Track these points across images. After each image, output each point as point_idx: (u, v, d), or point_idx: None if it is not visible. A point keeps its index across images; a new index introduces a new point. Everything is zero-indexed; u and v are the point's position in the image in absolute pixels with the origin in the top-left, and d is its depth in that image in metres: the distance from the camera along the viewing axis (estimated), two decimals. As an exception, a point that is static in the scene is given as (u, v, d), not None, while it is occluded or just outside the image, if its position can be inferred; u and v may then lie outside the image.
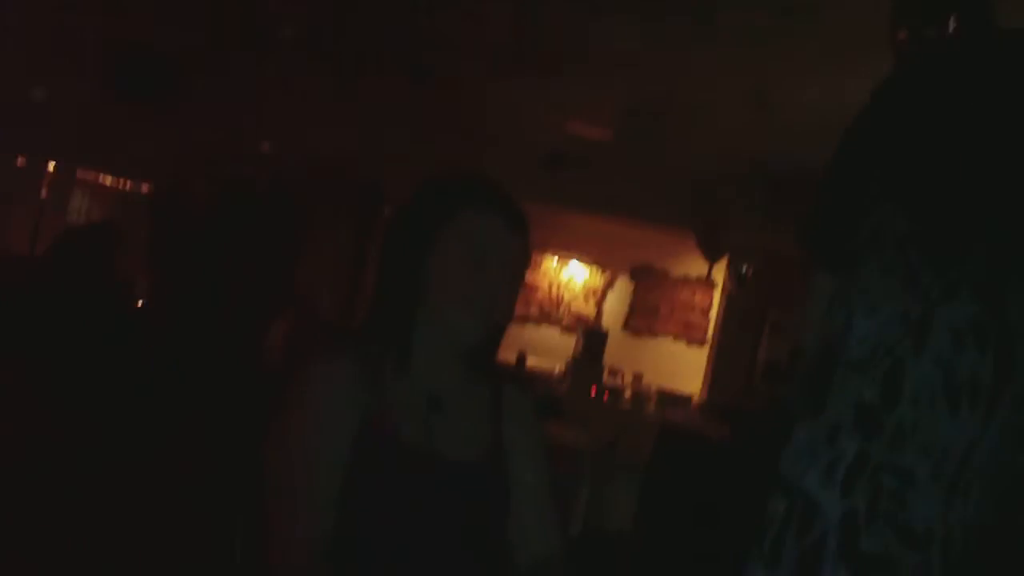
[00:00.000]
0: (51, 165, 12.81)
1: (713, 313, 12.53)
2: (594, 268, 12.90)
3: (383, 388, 1.88)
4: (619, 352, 11.81)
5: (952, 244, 1.18)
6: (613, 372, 11.44)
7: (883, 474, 1.19)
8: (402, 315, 1.92)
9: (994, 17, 3.35)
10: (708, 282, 12.36)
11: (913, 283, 1.20)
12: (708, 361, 11.90)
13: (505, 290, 1.93)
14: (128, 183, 13.16)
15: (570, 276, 12.87)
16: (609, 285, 12.94)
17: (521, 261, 1.98)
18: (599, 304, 12.89)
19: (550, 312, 12.75)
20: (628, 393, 11.15)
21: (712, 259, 10.45)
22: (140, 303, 7.58)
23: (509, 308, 1.96)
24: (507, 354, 11.08)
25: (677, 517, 5.99)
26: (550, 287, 12.78)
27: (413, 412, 1.89)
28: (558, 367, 11.53)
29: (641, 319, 12.88)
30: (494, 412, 2.01)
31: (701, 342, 12.59)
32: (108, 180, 13.24)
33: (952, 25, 3.32)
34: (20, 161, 12.54)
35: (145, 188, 12.78)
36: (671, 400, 10.93)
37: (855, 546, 1.19)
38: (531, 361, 11.15)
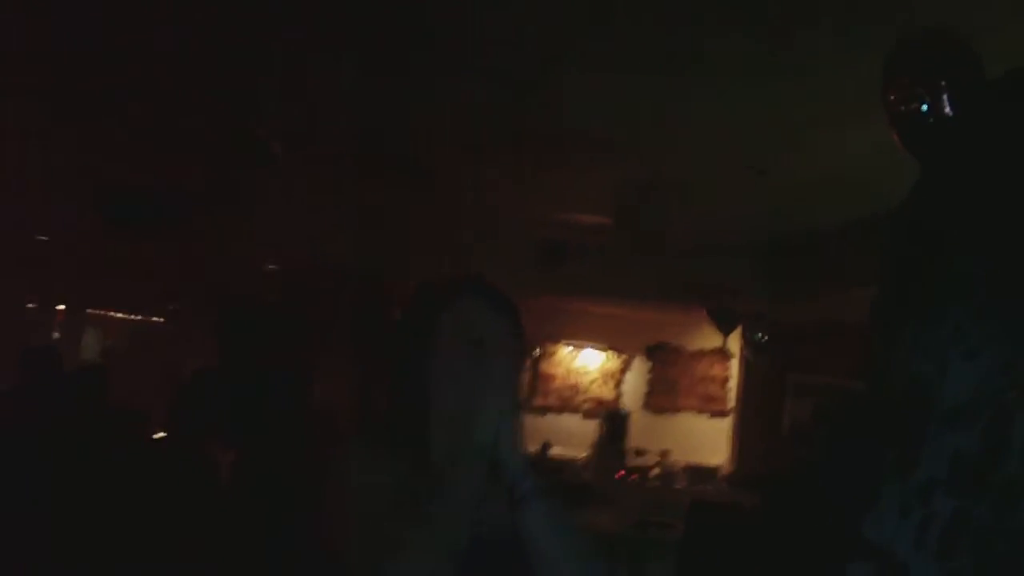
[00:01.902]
0: (61, 306, 12.92)
1: (732, 383, 12.50)
2: (609, 352, 12.88)
3: (405, 479, 1.94)
4: (642, 431, 11.76)
5: None
6: (639, 452, 11.37)
7: (995, 538, 1.09)
8: (414, 414, 2.00)
9: (983, 76, 3.39)
10: (724, 353, 12.35)
11: (1015, 330, 1.13)
12: (732, 431, 11.85)
13: (504, 375, 1.99)
14: (139, 315, 13.27)
15: (585, 362, 12.85)
16: (626, 367, 12.91)
17: (517, 344, 2.08)
18: (617, 386, 12.85)
19: (569, 399, 12.71)
20: (655, 471, 11.08)
21: (726, 332, 10.45)
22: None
23: (514, 395, 2.02)
24: (530, 445, 11.02)
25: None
26: (567, 375, 12.75)
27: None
28: (582, 453, 11.47)
29: (661, 397, 12.84)
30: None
31: (723, 413, 12.54)
32: (118, 314, 13.34)
33: (942, 84, 3.36)
34: (30, 305, 12.66)
35: (156, 319, 12.90)
36: (699, 474, 10.85)
37: None
38: (555, 450, 11.09)
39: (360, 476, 1.96)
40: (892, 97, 3.56)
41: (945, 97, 3.41)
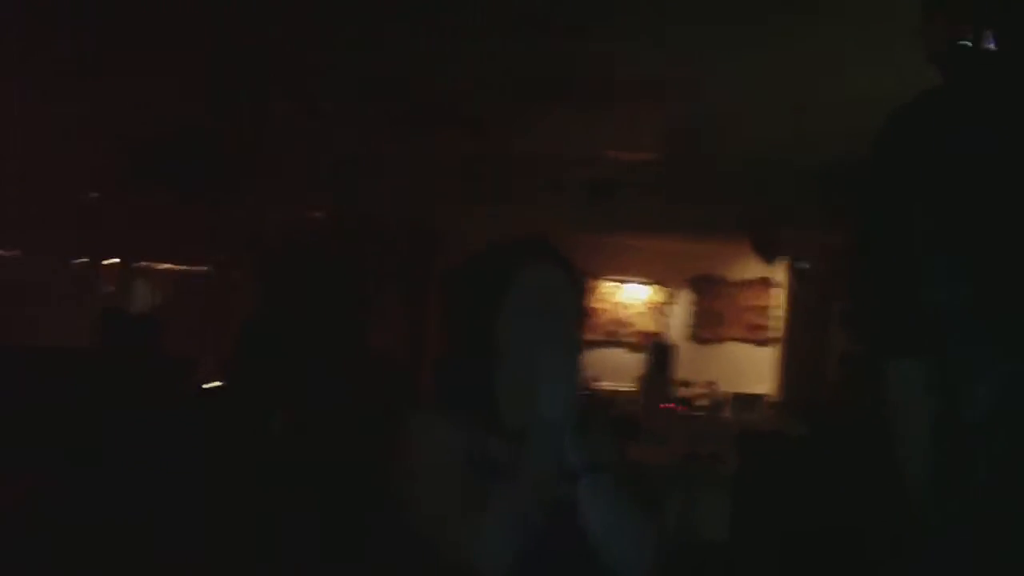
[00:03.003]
0: (107, 261, 13.05)
1: (777, 312, 12.51)
2: (654, 286, 12.92)
3: (478, 445, 1.97)
4: (689, 363, 11.79)
5: None
6: (686, 383, 11.43)
7: None
8: (481, 380, 2.01)
9: None
10: (769, 282, 12.36)
11: (1012, 341, 1.19)
12: (780, 360, 11.88)
13: (571, 345, 1.99)
14: (185, 265, 13.41)
15: (631, 295, 12.89)
16: (670, 299, 12.95)
17: (581, 310, 2.10)
18: (663, 319, 12.90)
19: (615, 333, 12.77)
20: (703, 402, 11.15)
21: (769, 261, 10.46)
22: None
23: (579, 363, 1.98)
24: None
25: (772, 521, 6.00)
26: (612, 309, 12.80)
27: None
28: (629, 386, 11.53)
29: (706, 328, 12.88)
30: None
31: (768, 342, 12.57)
32: (166, 266, 13.48)
33: (986, 21, 3.33)
34: (82, 260, 12.81)
35: (204, 269, 13.02)
36: (744, 402, 10.90)
37: None
38: (602, 383, 11.16)
39: (432, 440, 1.95)
40: (932, 34, 3.51)
41: (988, 35, 3.36)
